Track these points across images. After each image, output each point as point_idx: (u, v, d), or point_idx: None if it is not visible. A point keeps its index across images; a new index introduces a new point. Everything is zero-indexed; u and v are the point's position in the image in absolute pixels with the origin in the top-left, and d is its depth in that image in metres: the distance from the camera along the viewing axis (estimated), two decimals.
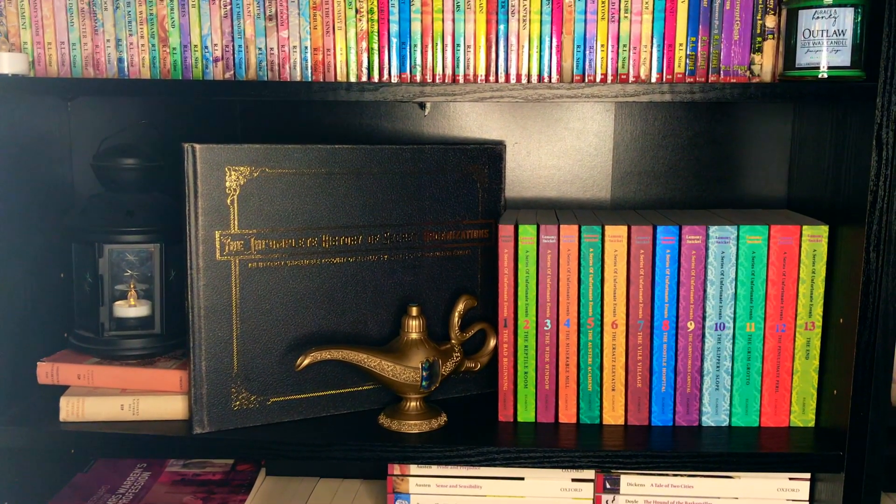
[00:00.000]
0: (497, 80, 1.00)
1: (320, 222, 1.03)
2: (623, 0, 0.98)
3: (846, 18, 0.91)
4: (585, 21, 0.98)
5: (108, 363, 1.08)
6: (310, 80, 1.01)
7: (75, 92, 1.03)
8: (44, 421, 1.03)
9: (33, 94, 1.09)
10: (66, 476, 1.21)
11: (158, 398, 1.04)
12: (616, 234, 1.01)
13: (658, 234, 1.00)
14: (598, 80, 0.99)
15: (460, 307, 1.06)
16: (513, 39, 1.00)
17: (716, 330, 1.02)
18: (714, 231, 1.00)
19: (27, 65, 1.00)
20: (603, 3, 0.98)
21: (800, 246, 1.00)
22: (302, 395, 1.05)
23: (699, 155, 1.21)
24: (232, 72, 1.02)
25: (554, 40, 0.99)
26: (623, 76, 0.99)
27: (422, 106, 1.21)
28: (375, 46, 1.00)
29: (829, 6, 0.91)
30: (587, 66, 0.99)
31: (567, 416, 1.05)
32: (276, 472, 1.29)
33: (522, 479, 1.08)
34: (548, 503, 1.09)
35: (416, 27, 1.00)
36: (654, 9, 0.98)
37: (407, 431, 1.02)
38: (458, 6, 0.99)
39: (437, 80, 1.01)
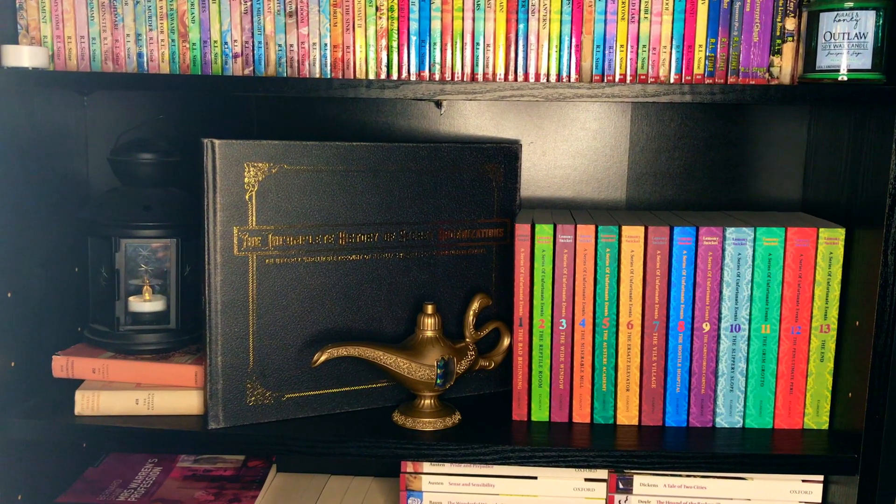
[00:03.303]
0: (516, 79, 1.01)
1: (337, 219, 1.03)
2: (643, 1, 0.98)
3: (868, 21, 0.91)
4: (605, 21, 0.99)
5: (123, 357, 1.08)
6: (329, 76, 1.01)
7: (91, 86, 1.04)
8: (58, 414, 1.04)
9: (49, 88, 1.09)
10: (78, 470, 1.21)
11: (173, 393, 1.04)
12: (633, 235, 1.01)
13: (675, 235, 1.00)
14: (616, 80, 1.00)
15: (475, 306, 1.06)
16: (532, 39, 1.00)
17: (731, 331, 1.02)
18: (731, 232, 1.00)
19: (47, 58, 1.00)
20: (623, 3, 0.98)
21: (816, 248, 1.00)
22: (317, 392, 1.05)
23: (714, 156, 1.21)
24: (251, 68, 1.02)
25: (574, 40, 0.99)
26: (642, 76, 0.99)
27: (438, 104, 1.22)
28: (395, 44, 1.01)
29: (850, 9, 0.91)
30: (606, 66, 1.00)
31: (581, 415, 1.05)
32: (288, 469, 1.29)
33: (535, 478, 1.09)
34: (560, 502, 1.09)
35: (435, 25, 1.00)
36: (674, 10, 0.98)
37: (421, 429, 1.02)
38: (478, 5, 0.99)
39: (456, 79, 1.01)
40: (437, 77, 1.01)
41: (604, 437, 1.01)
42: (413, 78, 1.01)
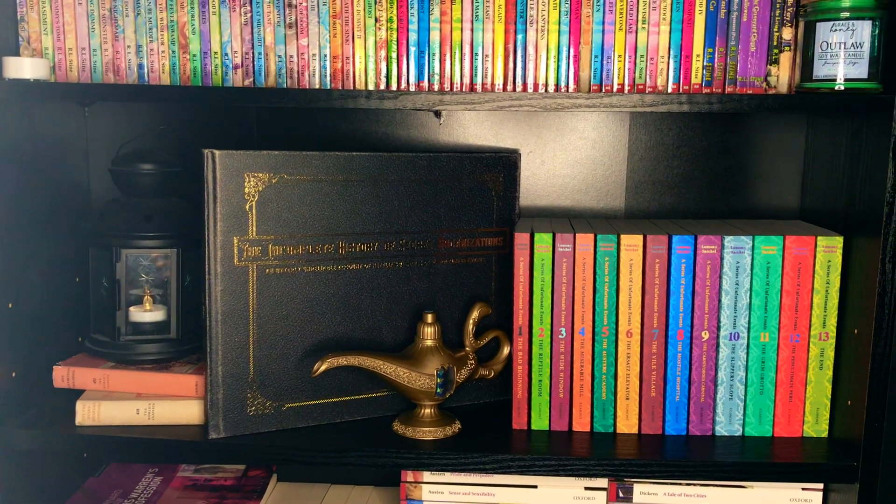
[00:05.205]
0: (514, 89, 1.01)
1: (337, 229, 1.04)
2: (641, 11, 0.98)
3: (864, 31, 0.91)
4: (603, 31, 0.99)
5: (123, 367, 1.08)
6: (329, 87, 1.02)
7: (92, 97, 1.04)
8: (59, 425, 1.04)
9: (50, 100, 1.10)
10: (78, 480, 1.21)
11: (174, 403, 1.04)
12: (632, 243, 1.01)
13: (673, 244, 1.01)
14: (615, 90, 1.00)
15: (475, 315, 1.06)
16: (531, 49, 1.00)
17: (730, 339, 1.02)
18: (729, 241, 1.00)
19: (48, 70, 1.01)
20: (621, 14, 0.98)
21: (814, 256, 1.00)
22: (317, 401, 1.05)
23: (713, 165, 1.22)
24: (251, 79, 1.02)
25: (572, 50, 1.00)
26: (640, 86, 1.00)
27: (437, 114, 1.22)
28: (394, 55, 1.01)
29: (846, 19, 0.91)
30: (604, 76, 1.00)
31: (581, 424, 1.05)
32: (288, 478, 1.29)
33: (535, 486, 1.09)
34: None
35: (434, 36, 1.01)
36: (671, 20, 0.99)
37: (421, 438, 1.02)
38: (476, 16, 1.00)
39: (455, 89, 1.01)
40: (436, 87, 1.02)
41: (604, 445, 1.02)
42: (412, 88, 1.02)
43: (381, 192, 1.06)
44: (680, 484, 1.07)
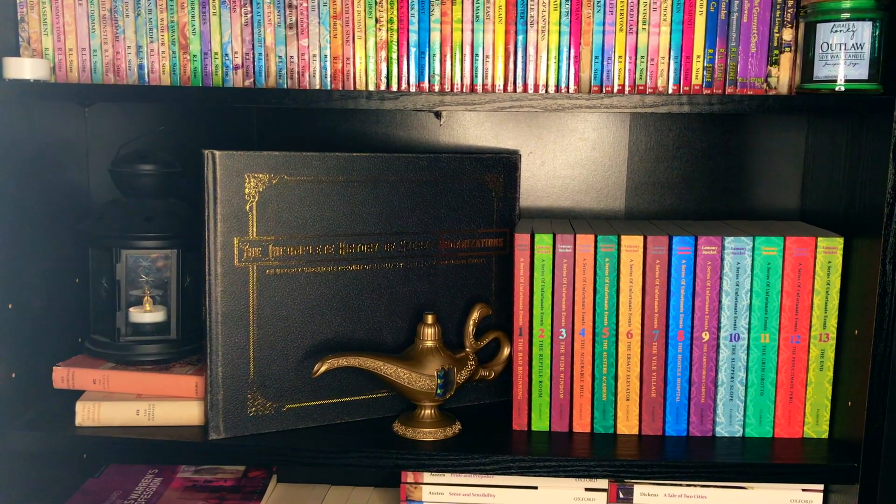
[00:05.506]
0: (515, 90, 1.01)
1: (337, 229, 1.04)
2: (641, 12, 0.98)
3: (864, 32, 0.91)
4: (604, 32, 0.99)
5: (123, 368, 1.08)
6: (329, 88, 1.02)
7: (92, 98, 1.04)
8: (59, 426, 1.04)
9: (50, 100, 1.10)
10: (78, 481, 1.21)
11: (174, 403, 1.04)
12: (632, 244, 1.01)
13: (674, 245, 1.01)
14: (615, 90, 1.00)
15: (475, 315, 1.06)
16: (531, 50, 1.00)
17: (730, 340, 1.02)
18: (730, 242, 1.00)
19: (48, 70, 1.01)
20: (621, 15, 0.98)
21: (815, 257, 1.00)
22: (317, 402, 1.05)
23: (713, 166, 1.22)
24: (252, 79, 1.02)
25: (572, 51, 1.00)
26: (640, 87, 1.00)
27: (437, 115, 1.22)
28: (395, 56, 1.01)
29: (847, 20, 0.91)
30: (605, 77, 1.00)
31: (581, 425, 1.05)
32: (288, 479, 1.29)
33: (536, 487, 1.09)
34: None
35: (435, 37, 1.01)
36: (671, 21, 0.99)
37: (422, 439, 1.02)
38: (477, 17, 1.00)
39: (456, 90, 1.01)
40: (436, 88, 1.02)
41: (604, 446, 1.02)
42: (413, 89, 1.02)
43: (381, 193, 1.06)
44: (680, 485, 1.07)
